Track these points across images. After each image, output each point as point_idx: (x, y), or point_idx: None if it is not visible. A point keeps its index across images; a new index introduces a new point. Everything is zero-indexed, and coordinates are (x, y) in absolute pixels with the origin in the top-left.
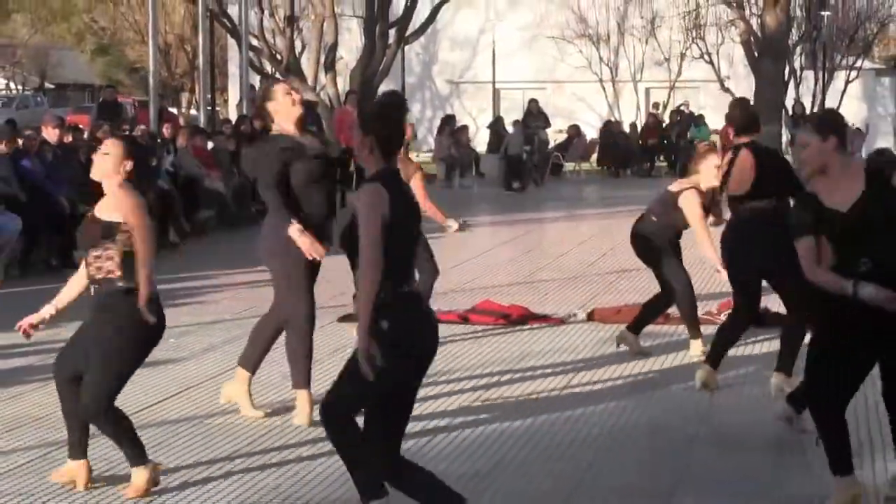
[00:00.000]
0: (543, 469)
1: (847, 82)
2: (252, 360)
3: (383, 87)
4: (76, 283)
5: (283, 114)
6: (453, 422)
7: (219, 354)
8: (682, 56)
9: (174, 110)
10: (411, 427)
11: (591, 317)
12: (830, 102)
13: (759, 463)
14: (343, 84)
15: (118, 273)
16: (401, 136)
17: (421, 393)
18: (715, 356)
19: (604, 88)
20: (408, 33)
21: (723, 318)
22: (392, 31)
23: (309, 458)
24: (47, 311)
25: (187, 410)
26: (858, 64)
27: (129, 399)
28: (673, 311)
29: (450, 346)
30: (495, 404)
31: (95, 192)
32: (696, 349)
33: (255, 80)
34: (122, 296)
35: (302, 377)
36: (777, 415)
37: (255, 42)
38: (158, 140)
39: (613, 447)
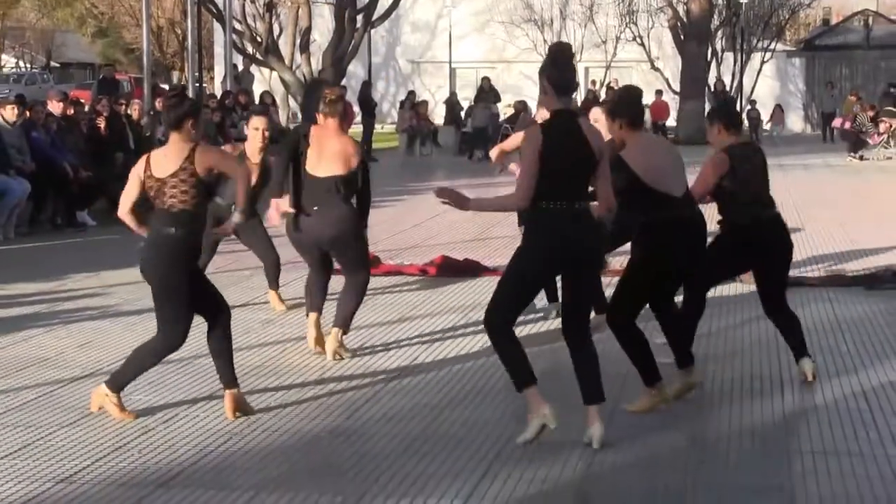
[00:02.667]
0: (498, 399)
1: (762, 63)
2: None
3: (352, 67)
4: None
5: None
6: (421, 360)
7: None
8: (617, 39)
9: (166, 86)
10: (387, 364)
11: None
12: (748, 81)
13: (690, 399)
14: (316, 63)
15: None
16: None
17: (390, 336)
18: None
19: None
20: (374, 18)
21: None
22: (360, 17)
23: (291, 393)
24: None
25: (176, 353)
26: (772, 46)
27: (123, 342)
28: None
29: (410, 294)
30: (461, 340)
31: (95, 157)
32: None
33: (238, 59)
34: None
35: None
36: None
37: (237, 26)
38: (151, 113)
39: (557, 379)
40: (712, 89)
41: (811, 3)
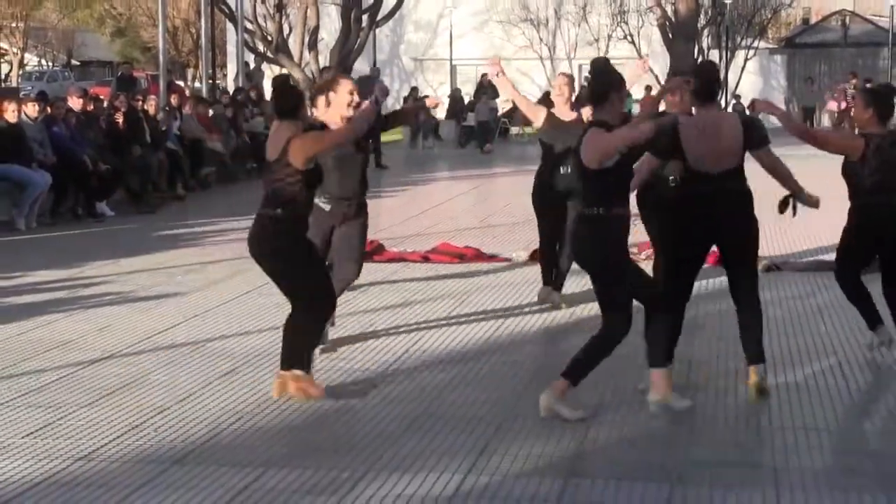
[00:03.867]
0: (495, 380)
1: (746, 60)
2: None
3: (357, 64)
4: None
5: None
6: (422, 342)
7: (219, 289)
8: (609, 37)
9: (181, 83)
10: (390, 347)
11: (532, 257)
12: (732, 77)
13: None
14: (324, 61)
15: None
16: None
17: (393, 320)
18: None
19: (543, 65)
20: (378, 18)
21: (643, 257)
22: (365, 16)
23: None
24: None
25: (190, 336)
26: (755, 44)
27: (140, 326)
28: None
29: (413, 283)
30: (461, 323)
31: (114, 151)
32: None
33: (250, 57)
34: None
35: None
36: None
37: (249, 25)
38: (167, 108)
39: (551, 363)
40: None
41: (792, 2)
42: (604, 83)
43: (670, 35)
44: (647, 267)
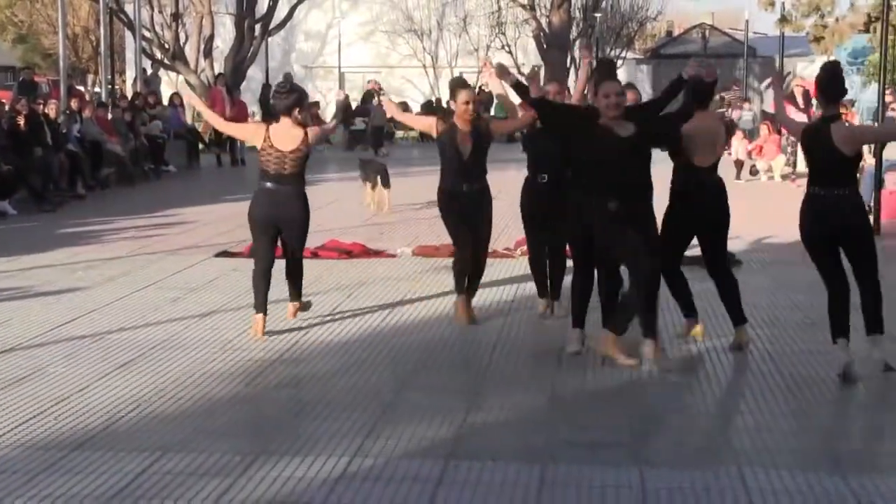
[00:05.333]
0: (381, 367)
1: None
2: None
3: (250, 71)
4: None
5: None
6: (312, 332)
7: (117, 284)
8: (488, 47)
9: (81, 88)
10: (281, 337)
11: (415, 253)
12: None
13: (544, 365)
14: (219, 68)
15: None
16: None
17: (284, 312)
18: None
19: (426, 73)
20: (271, 27)
21: (518, 253)
22: (258, 26)
23: (195, 364)
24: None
25: (90, 329)
26: (623, 55)
27: (41, 319)
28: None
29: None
30: (348, 315)
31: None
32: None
33: (147, 63)
34: None
35: None
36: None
37: (147, 34)
38: (68, 112)
39: (433, 352)
40: (571, 92)
41: (656, 16)
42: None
43: (545, 45)
44: (523, 261)
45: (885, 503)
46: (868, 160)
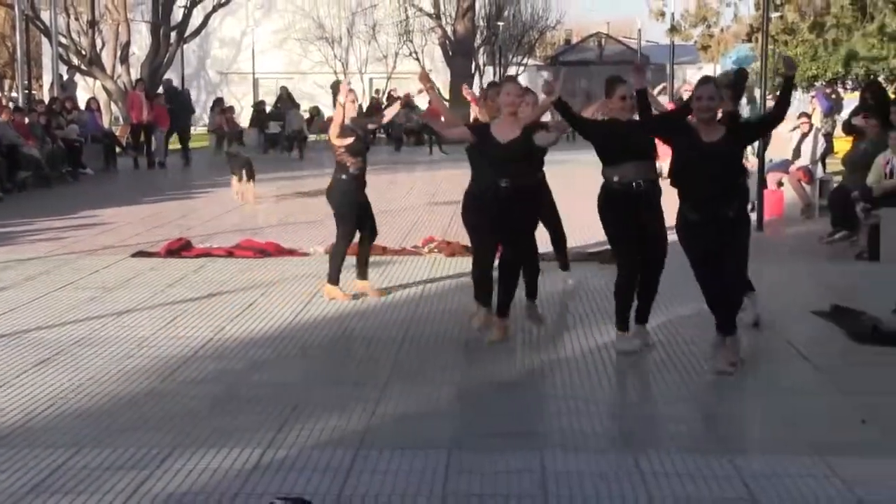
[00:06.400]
0: (294, 363)
1: (517, 75)
2: None
3: (167, 77)
4: None
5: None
6: (227, 329)
7: (34, 284)
8: (397, 54)
9: None
10: (197, 334)
11: (327, 251)
12: None
13: (450, 357)
14: (135, 74)
15: None
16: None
17: (201, 309)
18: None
19: (337, 79)
20: (186, 34)
21: (426, 250)
22: (173, 33)
23: (111, 361)
24: None
25: (7, 328)
26: (525, 61)
27: None
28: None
29: (218, 273)
30: (261, 312)
31: None
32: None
33: (64, 69)
34: None
35: None
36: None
37: (63, 40)
38: None
39: (344, 346)
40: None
41: (555, 25)
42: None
43: (450, 53)
44: (431, 258)
45: (767, 480)
46: (751, 160)
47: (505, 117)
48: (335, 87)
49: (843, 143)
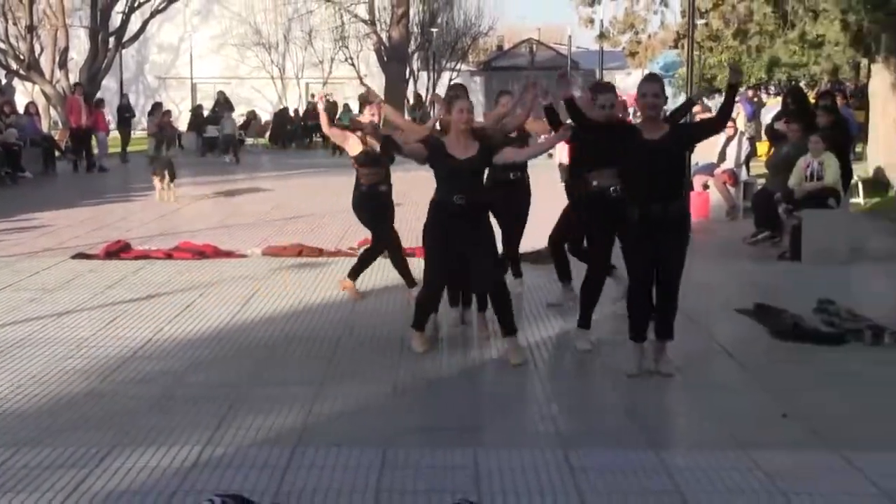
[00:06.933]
0: (231, 363)
1: (451, 80)
2: None
3: (105, 82)
4: None
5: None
6: (165, 330)
7: None
8: (332, 59)
9: None
10: (136, 335)
11: (264, 252)
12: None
13: (385, 356)
14: (74, 78)
15: None
16: None
17: (140, 310)
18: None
19: (274, 83)
20: (124, 39)
21: (360, 251)
22: (112, 38)
23: (51, 362)
24: None
25: None
26: (458, 67)
27: None
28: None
29: (156, 275)
30: (199, 313)
31: None
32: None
33: (2, 74)
34: None
35: None
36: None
37: (1, 45)
38: None
39: (281, 346)
40: (410, 102)
41: (488, 32)
42: None
43: (385, 58)
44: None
45: (692, 473)
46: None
47: (459, 133)
48: (363, 99)
49: (765, 147)
